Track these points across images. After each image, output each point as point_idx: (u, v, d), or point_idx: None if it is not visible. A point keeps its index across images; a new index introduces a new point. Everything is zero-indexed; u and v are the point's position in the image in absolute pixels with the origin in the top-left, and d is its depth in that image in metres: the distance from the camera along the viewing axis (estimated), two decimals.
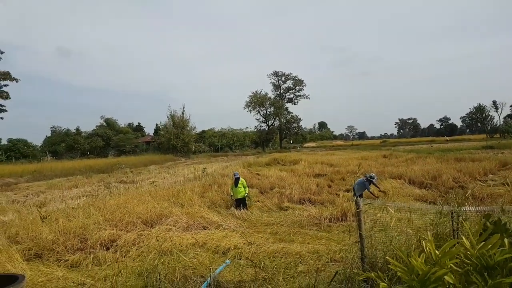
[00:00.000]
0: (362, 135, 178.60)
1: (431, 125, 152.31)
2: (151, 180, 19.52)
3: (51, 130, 70.63)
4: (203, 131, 79.41)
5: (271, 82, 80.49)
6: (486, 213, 3.38)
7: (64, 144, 61.19)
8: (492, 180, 14.16)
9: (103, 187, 17.58)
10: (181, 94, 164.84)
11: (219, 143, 74.81)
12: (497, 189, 11.94)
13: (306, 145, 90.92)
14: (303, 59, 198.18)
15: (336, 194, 12.51)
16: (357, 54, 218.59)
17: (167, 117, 59.57)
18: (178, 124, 57.52)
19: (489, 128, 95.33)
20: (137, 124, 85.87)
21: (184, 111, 59.31)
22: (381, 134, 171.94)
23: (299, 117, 79.70)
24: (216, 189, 13.36)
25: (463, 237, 2.72)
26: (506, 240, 2.67)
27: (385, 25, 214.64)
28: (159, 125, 66.28)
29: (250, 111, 75.69)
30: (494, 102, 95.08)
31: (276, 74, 79.36)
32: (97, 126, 70.04)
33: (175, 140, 55.94)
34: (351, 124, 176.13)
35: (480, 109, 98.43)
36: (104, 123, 70.75)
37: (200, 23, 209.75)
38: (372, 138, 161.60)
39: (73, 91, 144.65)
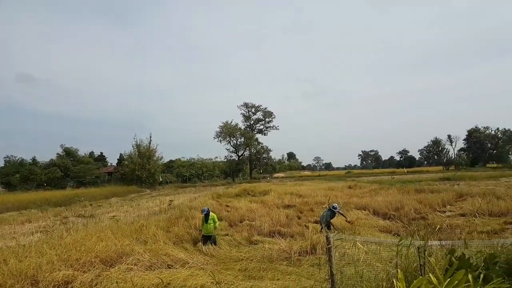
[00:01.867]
0: (328, 166, 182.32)
1: (392, 157, 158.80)
2: (112, 214, 18.60)
3: (5, 160, 66.65)
4: (171, 161, 77.79)
5: (241, 113, 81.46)
6: (451, 248, 3.47)
7: (18, 175, 57.46)
8: (450, 211, 14.81)
9: (59, 222, 16.51)
10: (151, 123, 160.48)
11: (188, 174, 73.35)
12: (456, 220, 12.48)
13: (275, 175, 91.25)
14: (272, 91, 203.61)
15: (305, 226, 12.52)
16: (324, 87, 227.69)
17: (132, 146, 57.88)
18: (144, 153, 55.99)
19: (445, 161, 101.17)
20: (99, 153, 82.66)
21: (151, 140, 58.03)
22: (345, 165, 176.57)
23: (269, 147, 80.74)
24: (183, 223, 12.91)
25: (430, 274, 2.75)
26: (470, 276, 2.74)
27: (352, 58, 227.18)
28: (123, 155, 64.06)
29: (221, 141, 75.72)
30: (449, 136, 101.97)
31: (246, 105, 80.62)
32: (56, 155, 66.80)
33: (140, 171, 54.20)
34: (318, 155, 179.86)
35: (436, 142, 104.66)
36: (63, 153, 67.53)
37: (175, 52, 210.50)
38: (338, 169, 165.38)
39: (33, 119, 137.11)
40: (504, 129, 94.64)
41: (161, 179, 61.33)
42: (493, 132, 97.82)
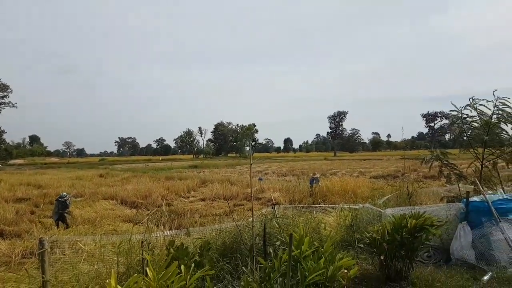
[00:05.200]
0: (81, 152, 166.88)
1: (149, 145, 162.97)
2: None
3: None
4: None
5: None
6: (170, 240, 3.69)
7: None
8: (194, 197, 16.56)
9: None
10: None
11: None
12: (196, 205, 14.04)
13: (11, 162, 75.62)
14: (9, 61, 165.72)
15: (40, 222, 11.03)
16: (79, 65, 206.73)
17: None
18: None
19: (195, 150, 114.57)
20: None
21: None
22: (100, 152, 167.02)
23: (2, 128, 65.33)
24: None
25: (147, 269, 2.78)
26: (182, 266, 2.95)
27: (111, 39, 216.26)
28: None
29: None
30: (200, 128, 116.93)
31: None
32: None
33: None
34: (69, 140, 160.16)
35: (189, 133, 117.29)
36: None
37: None
38: (92, 155, 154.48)
39: None
40: (242, 125, 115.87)
41: None
42: (234, 127, 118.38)
